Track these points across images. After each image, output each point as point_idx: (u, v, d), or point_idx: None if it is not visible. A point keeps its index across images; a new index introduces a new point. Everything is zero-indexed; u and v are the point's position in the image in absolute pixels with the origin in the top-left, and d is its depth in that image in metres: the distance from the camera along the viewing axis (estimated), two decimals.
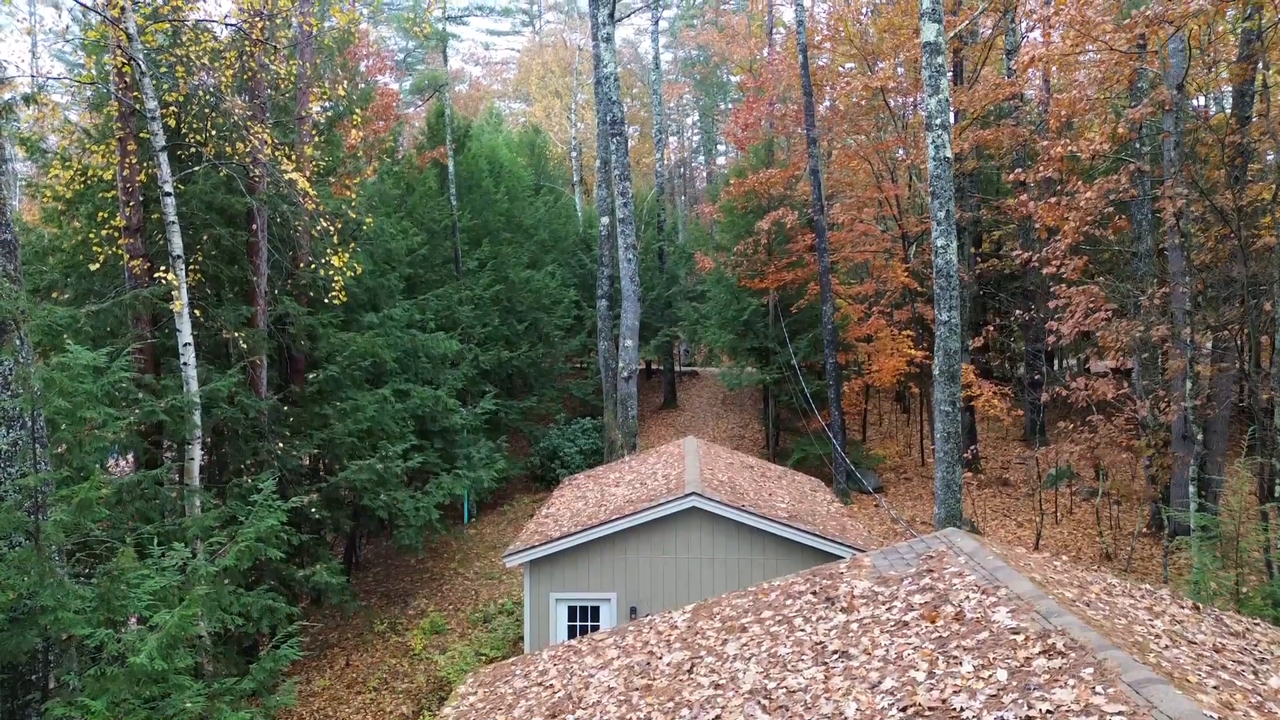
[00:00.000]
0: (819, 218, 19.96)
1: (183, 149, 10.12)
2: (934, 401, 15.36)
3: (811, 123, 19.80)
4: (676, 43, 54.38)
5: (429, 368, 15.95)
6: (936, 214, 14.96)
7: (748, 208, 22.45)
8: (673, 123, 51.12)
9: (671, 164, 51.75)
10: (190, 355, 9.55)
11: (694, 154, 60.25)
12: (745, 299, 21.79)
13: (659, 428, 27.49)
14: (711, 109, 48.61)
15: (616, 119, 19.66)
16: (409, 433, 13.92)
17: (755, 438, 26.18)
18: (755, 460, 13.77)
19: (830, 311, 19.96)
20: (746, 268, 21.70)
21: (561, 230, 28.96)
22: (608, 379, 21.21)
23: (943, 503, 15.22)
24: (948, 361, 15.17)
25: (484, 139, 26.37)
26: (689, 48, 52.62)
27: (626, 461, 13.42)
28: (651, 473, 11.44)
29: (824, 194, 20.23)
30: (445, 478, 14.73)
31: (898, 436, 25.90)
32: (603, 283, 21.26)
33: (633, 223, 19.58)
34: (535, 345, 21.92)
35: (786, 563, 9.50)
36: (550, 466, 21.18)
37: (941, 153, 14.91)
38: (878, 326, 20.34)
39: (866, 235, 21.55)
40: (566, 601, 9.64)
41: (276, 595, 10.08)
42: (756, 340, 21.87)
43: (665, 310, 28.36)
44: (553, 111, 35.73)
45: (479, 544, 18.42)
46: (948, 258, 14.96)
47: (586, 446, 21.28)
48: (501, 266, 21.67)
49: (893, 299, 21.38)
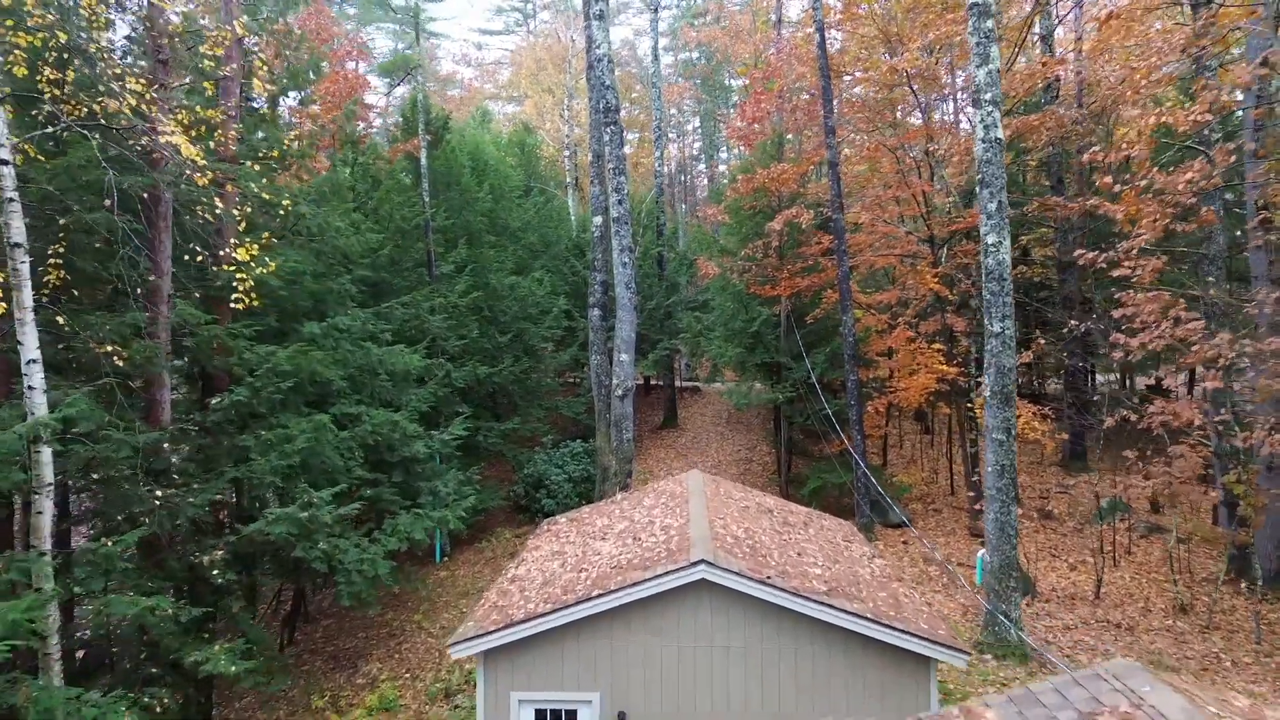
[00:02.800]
0: (837, 216, 17.73)
1: (39, 105, 7.89)
2: (984, 428, 13.00)
3: (830, 109, 17.60)
4: (677, 44, 52.52)
5: (389, 386, 13.64)
6: (986, 205, 12.68)
7: (756, 207, 20.25)
8: (673, 129, 49.11)
9: (672, 170, 49.71)
10: (37, 375, 7.24)
11: (694, 160, 58.28)
12: (754, 308, 19.52)
13: (658, 449, 25.14)
14: (712, 114, 46.63)
15: (610, 105, 17.49)
16: (356, 466, 11.58)
17: (764, 461, 23.83)
18: (774, 500, 11.43)
19: (851, 322, 17.69)
20: (755, 273, 19.44)
21: (553, 235, 26.75)
22: (600, 397, 18.91)
23: (996, 548, 12.87)
24: (1000, 380, 12.83)
25: (468, 134, 24.20)
26: (690, 49, 50.77)
27: (618, 503, 11.08)
28: (648, 522, 9.11)
29: (842, 190, 18.01)
30: (404, 518, 12.37)
31: (920, 461, 23.55)
32: (595, 289, 19.00)
33: (629, 223, 17.36)
34: (520, 359, 19.62)
35: (825, 652, 7.15)
36: (535, 496, 18.82)
37: (992, 133, 12.65)
38: (903, 339, 18.06)
39: (888, 237, 19.31)
40: (533, 704, 7.25)
41: (162, 689, 7.73)
42: (767, 354, 19.58)
43: (665, 321, 26.08)
44: (545, 109, 33.58)
45: (449, 589, 16.01)
46: (1000, 257, 12.66)
47: (576, 473, 18.94)
48: (482, 271, 19.40)
49: (919, 308, 19.12)
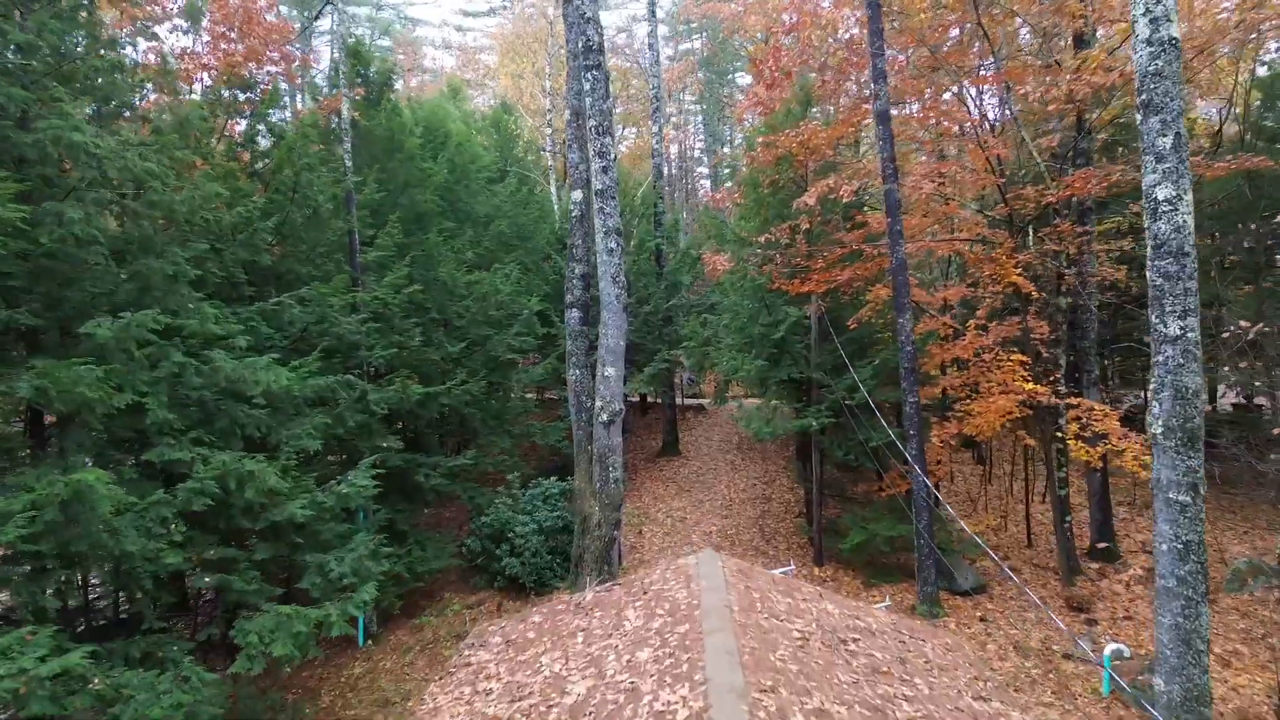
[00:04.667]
0: (890, 187, 13.48)
1: None
2: (1155, 484, 8.53)
3: (879, 46, 13.41)
4: (678, 34, 48.71)
5: (261, 419, 9.35)
6: (1155, 141, 8.29)
7: (779, 183, 16.02)
8: (673, 129, 45.12)
9: (672, 167, 45.69)
10: None
11: (695, 162, 54.26)
12: (779, 308, 15.24)
13: (655, 483, 20.79)
14: (716, 100, 42.66)
15: (591, 44, 13.35)
16: (167, 552, 7.27)
17: (784, 499, 19.47)
18: (835, 601, 7.11)
19: (909, 325, 13.42)
20: (781, 264, 15.18)
21: (532, 229, 22.58)
22: (580, 423, 14.62)
23: (1175, 670, 8.32)
24: (1182, 410, 8.28)
25: (426, 101, 20.07)
26: (692, 37, 46.92)
27: (584, 611, 6.78)
28: (631, 663, 4.83)
29: (895, 152, 13.79)
30: (262, 620, 8.06)
31: (979, 499, 19.21)
32: (574, 284, 14.75)
33: (616, 198, 13.18)
34: (478, 374, 15.34)
35: None
36: (495, 554, 14.45)
37: (1162, 30, 8.42)
38: (973, 348, 13.78)
39: (946, 219, 15.09)
40: None
41: None
42: (795, 367, 15.27)
43: (664, 328, 21.82)
44: (524, 79, 29.36)
45: (366, 689, 11.62)
46: (1179, 220, 8.15)
47: (550, 522, 14.58)
48: (429, 262, 15.18)
49: (990, 308, 14.86)
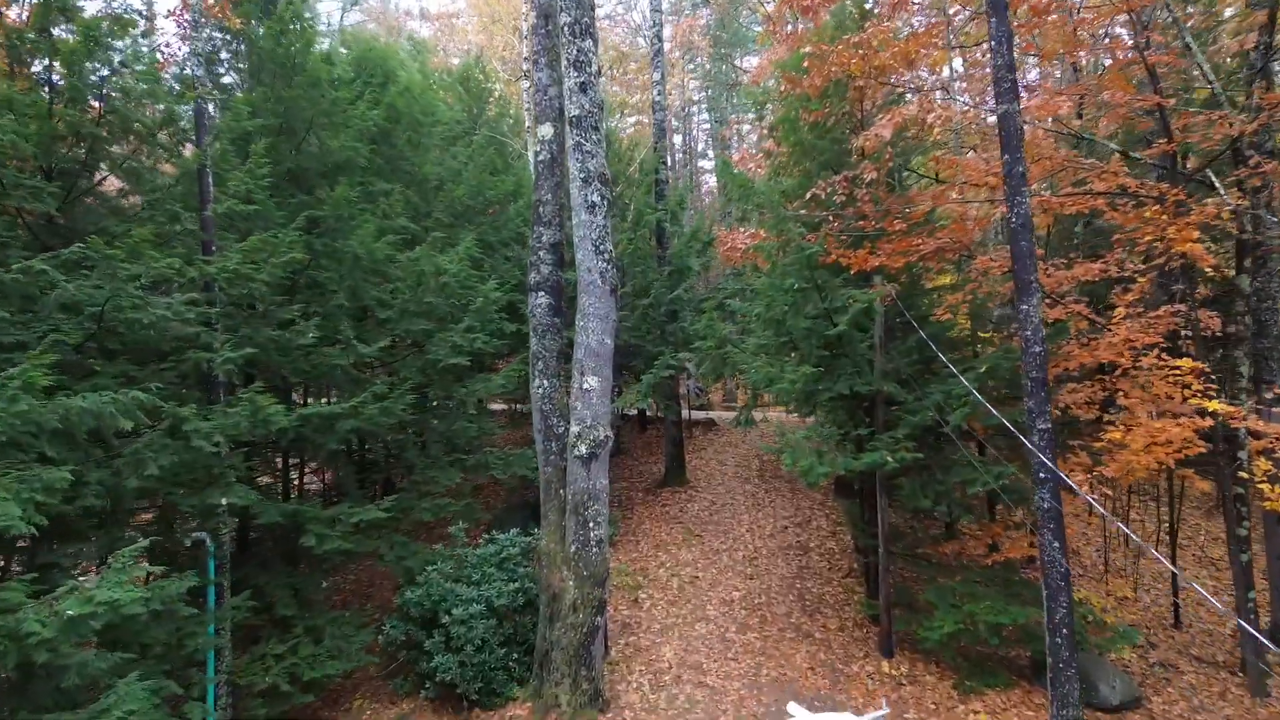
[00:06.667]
0: (1009, 105, 8.98)
1: None
2: None
3: None
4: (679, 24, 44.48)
5: None
6: None
7: (826, 118, 11.55)
8: (676, 123, 40.81)
9: (676, 160, 41.38)
10: None
11: (700, 155, 49.91)
12: (834, 291, 10.67)
13: (656, 525, 16.14)
14: (721, 93, 38.35)
15: None
16: None
17: (825, 547, 14.89)
18: None
19: (1035, 313, 8.90)
20: (837, 228, 10.67)
21: (501, 201, 18.19)
22: (548, 457, 10.13)
23: None
24: None
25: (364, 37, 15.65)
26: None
27: None
28: None
29: (1014, 53, 9.31)
30: None
31: (1082, 550, 14.66)
32: (540, 256, 10.28)
33: (601, 128, 8.83)
34: (405, 384, 10.83)
35: None
36: (423, 647, 9.90)
37: None
38: (1133, 346, 9.27)
39: (1079, 165, 10.57)
40: None
41: None
42: (859, 376, 10.70)
43: (666, 325, 17.32)
44: (498, 25, 24.93)
45: None
46: None
47: (505, 600, 10.02)
48: (340, 228, 10.71)
49: (1141, 292, 10.35)
